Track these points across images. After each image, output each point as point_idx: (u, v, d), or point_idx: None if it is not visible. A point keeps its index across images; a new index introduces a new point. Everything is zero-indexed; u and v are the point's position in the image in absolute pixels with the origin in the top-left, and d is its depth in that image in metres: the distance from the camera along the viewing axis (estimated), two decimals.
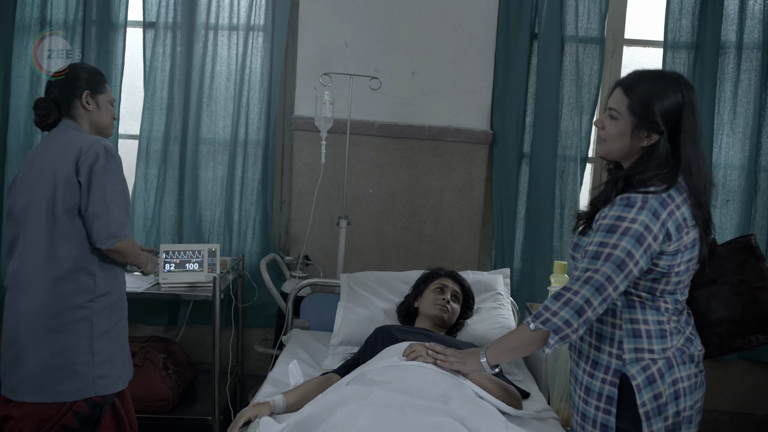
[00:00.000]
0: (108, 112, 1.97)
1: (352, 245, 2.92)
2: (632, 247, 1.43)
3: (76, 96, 1.90)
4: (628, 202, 1.47)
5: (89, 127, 1.94)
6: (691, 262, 1.53)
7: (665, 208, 1.46)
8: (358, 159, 2.92)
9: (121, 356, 1.94)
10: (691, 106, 1.50)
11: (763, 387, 3.02)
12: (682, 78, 1.54)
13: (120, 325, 1.95)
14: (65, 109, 1.91)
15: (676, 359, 1.50)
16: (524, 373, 2.25)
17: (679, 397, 1.49)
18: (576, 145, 2.88)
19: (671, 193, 1.48)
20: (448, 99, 2.92)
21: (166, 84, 2.94)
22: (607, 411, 1.51)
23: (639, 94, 1.51)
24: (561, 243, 2.92)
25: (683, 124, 1.49)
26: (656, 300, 1.51)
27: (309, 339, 2.42)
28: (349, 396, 1.54)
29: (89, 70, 1.96)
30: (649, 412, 1.47)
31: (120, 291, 1.95)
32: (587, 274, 1.46)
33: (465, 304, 2.28)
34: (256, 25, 2.94)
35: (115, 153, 1.85)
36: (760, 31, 2.80)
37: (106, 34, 2.96)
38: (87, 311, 1.84)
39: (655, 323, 1.51)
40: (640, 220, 1.44)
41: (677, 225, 1.47)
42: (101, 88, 1.95)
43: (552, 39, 2.84)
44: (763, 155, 2.85)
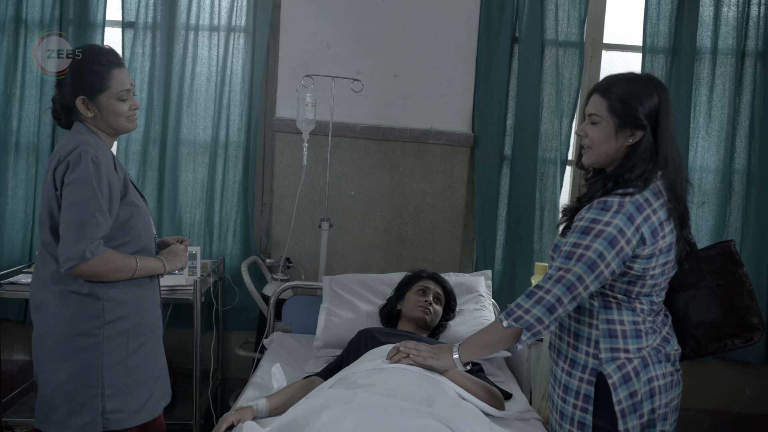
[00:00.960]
0: (114, 111, 1.67)
1: (334, 247, 2.92)
2: (604, 249, 1.47)
3: (72, 103, 1.66)
4: (604, 206, 1.50)
5: (102, 133, 1.70)
6: (667, 266, 1.56)
7: (641, 213, 1.49)
8: (339, 161, 2.92)
9: (144, 386, 1.73)
10: (667, 104, 1.55)
11: (737, 385, 3.08)
12: (655, 78, 1.59)
13: (141, 352, 1.72)
14: (69, 114, 1.69)
15: (652, 358, 1.53)
16: (506, 374, 2.26)
17: (654, 395, 1.52)
18: (556, 147, 2.91)
19: (648, 198, 1.51)
20: (429, 102, 2.93)
21: (145, 85, 2.90)
22: (584, 409, 1.54)
23: (617, 94, 1.54)
24: (541, 245, 2.95)
25: (661, 122, 1.53)
26: (632, 301, 1.54)
27: (291, 342, 2.41)
28: (334, 399, 1.54)
29: (84, 70, 1.65)
30: (625, 410, 1.50)
31: (139, 314, 1.71)
32: (559, 273, 1.50)
33: (447, 305, 2.29)
34: (237, 26, 2.92)
35: (88, 157, 1.58)
36: (734, 38, 2.87)
37: (84, 33, 2.92)
38: (95, 339, 1.64)
39: (631, 323, 1.54)
40: (614, 223, 1.47)
41: (653, 230, 1.50)
42: (101, 86, 1.64)
43: (532, 43, 2.87)
44: (737, 158, 2.92)
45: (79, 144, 1.62)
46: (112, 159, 1.67)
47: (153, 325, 1.78)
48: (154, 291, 1.80)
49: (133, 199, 1.70)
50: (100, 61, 1.66)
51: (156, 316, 1.81)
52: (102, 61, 1.66)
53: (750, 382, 3.07)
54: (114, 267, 1.63)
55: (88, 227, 1.57)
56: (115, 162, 1.69)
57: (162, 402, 1.81)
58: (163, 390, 1.82)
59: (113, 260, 1.63)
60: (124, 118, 1.70)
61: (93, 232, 1.57)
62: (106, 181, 1.60)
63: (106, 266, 1.61)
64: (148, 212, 1.78)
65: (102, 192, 1.59)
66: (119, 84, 1.67)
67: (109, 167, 1.63)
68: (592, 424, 1.54)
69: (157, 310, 1.81)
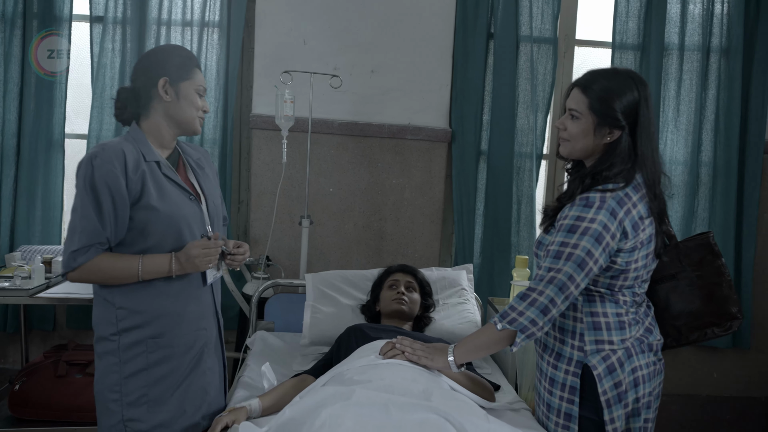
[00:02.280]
0: (192, 102, 1.65)
1: (314, 244, 2.90)
2: (592, 246, 1.49)
3: (152, 85, 1.62)
4: (587, 202, 1.53)
5: (167, 124, 1.66)
6: (648, 258, 1.59)
7: (622, 207, 1.52)
8: (318, 158, 2.90)
9: (173, 402, 1.65)
10: (646, 100, 1.56)
11: (705, 370, 3.20)
12: (635, 74, 1.60)
13: (168, 365, 1.64)
14: (139, 102, 1.64)
15: (635, 348, 1.57)
16: (492, 366, 2.29)
17: (638, 384, 1.56)
18: (531, 142, 2.96)
19: (628, 192, 1.54)
20: (407, 97, 2.94)
21: (116, 81, 2.83)
22: (571, 401, 1.58)
23: (597, 92, 1.55)
24: (518, 238, 3.00)
25: (640, 119, 1.55)
26: (614, 294, 1.57)
27: (275, 341, 2.38)
28: (331, 396, 1.53)
29: (171, 56, 1.65)
30: (610, 400, 1.54)
31: (161, 326, 1.63)
32: (550, 274, 1.51)
33: (422, 291, 2.31)
34: (210, 21, 2.87)
35: (93, 160, 1.53)
36: (700, 34, 2.96)
37: (49, 27, 2.82)
38: (113, 345, 1.61)
39: (614, 315, 1.57)
40: (599, 219, 1.50)
41: (633, 223, 1.53)
42: (184, 75, 1.64)
43: (507, 39, 2.90)
44: (704, 151, 3.02)
45: (97, 147, 1.58)
46: (124, 161, 1.56)
47: (186, 339, 1.67)
48: (190, 304, 1.68)
49: (152, 202, 1.58)
50: (186, 54, 1.69)
51: (193, 329, 1.69)
52: (188, 56, 1.69)
53: (718, 366, 3.19)
54: (105, 275, 1.58)
55: (74, 235, 1.54)
56: (136, 163, 1.58)
57: (200, 426, 1.70)
58: (205, 413, 1.71)
59: (101, 269, 1.57)
60: (198, 113, 1.68)
61: (79, 240, 1.53)
62: (104, 185, 1.53)
63: (94, 274, 1.57)
64: (182, 216, 1.64)
65: (98, 197, 1.53)
66: (200, 79, 1.68)
67: (111, 170, 1.53)
68: (578, 415, 1.57)
69: (195, 324, 1.70)
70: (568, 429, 1.60)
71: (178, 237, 1.63)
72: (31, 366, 2.53)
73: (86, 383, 2.47)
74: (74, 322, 2.92)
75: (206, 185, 1.78)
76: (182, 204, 1.65)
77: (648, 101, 1.57)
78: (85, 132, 2.86)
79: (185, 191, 1.68)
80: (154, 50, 1.72)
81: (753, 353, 3.13)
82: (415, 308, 2.24)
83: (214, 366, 1.77)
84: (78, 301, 2.45)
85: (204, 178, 1.78)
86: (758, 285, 3.06)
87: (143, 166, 1.60)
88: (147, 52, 1.72)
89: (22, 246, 2.76)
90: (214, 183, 1.84)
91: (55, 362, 2.52)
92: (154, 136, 1.67)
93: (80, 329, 2.93)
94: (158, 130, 1.67)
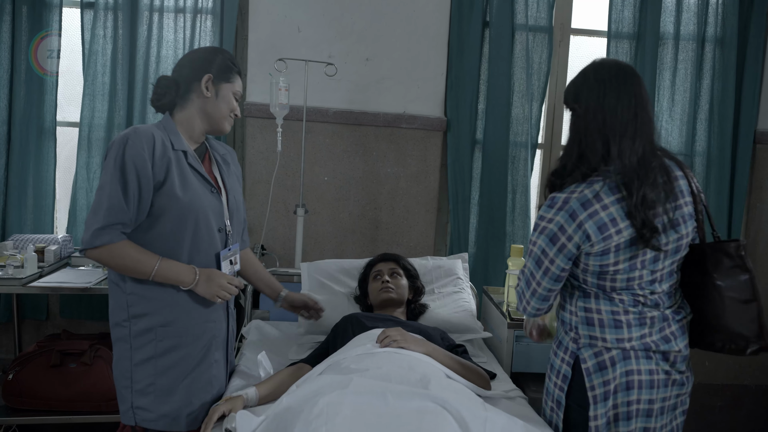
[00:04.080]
0: (228, 103, 1.73)
1: (308, 233, 2.89)
2: (546, 245, 1.52)
3: (196, 78, 1.69)
4: (551, 203, 1.52)
5: (199, 119, 1.71)
6: (639, 260, 1.50)
7: (586, 209, 1.47)
8: (312, 146, 2.88)
9: (180, 393, 1.66)
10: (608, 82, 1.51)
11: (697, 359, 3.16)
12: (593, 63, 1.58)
13: (176, 355, 1.66)
14: (178, 92, 1.69)
15: (636, 353, 1.52)
16: (487, 354, 2.30)
17: (631, 388, 1.51)
18: (527, 131, 2.96)
19: (599, 194, 1.47)
20: (402, 86, 2.92)
21: (108, 68, 2.79)
22: (561, 388, 1.60)
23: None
24: (513, 227, 3.00)
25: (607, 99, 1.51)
26: (608, 293, 1.55)
27: (271, 330, 2.39)
28: (329, 385, 1.53)
29: (220, 58, 1.73)
30: (597, 396, 1.53)
31: (171, 314, 1.65)
32: (523, 268, 1.61)
33: (408, 274, 2.31)
34: (204, 8, 2.83)
35: (126, 140, 1.56)
36: (695, 24, 2.96)
37: (39, 13, 2.79)
38: (124, 331, 1.65)
39: (609, 313, 1.54)
40: (555, 220, 1.50)
41: (600, 225, 1.47)
42: (228, 77, 1.72)
43: (503, 27, 2.89)
44: (698, 141, 3.02)
45: (136, 128, 1.61)
46: (153, 146, 1.59)
47: (195, 330, 1.69)
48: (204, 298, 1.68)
49: (174, 189, 1.61)
50: (232, 60, 1.77)
51: (202, 320, 1.70)
52: (234, 61, 1.77)
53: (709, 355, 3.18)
54: (121, 262, 1.59)
55: (99, 212, 1.55)
56: (164, 150, 1.61)
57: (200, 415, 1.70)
58: (209, 407, 1.69)
59: (120, 255, 1.58)
60: (230, 114, 1.75)
61: (103, 218, 1.54)
62: (132, 166, 1.55)
63: (112, 259, 1.58)
64: (201, 206, 1.66)
65: (126, 177, 1.55)
66: (239, 86, 1.77)
67: (140, 152, 1.56)
68: (566, 403, 1.59)
69: (205, 316, 1.71)
70: (557, 415, 1.62)
71: (195, 226, 1.66)
72: (25, 356, 2.52)
73: (80, 373, 2.46)
74: (68, 311, 2.90)
75: (229, 180, 1.81)
76: (203, 195, 1.68)
77: (603, 83, 1.50)
78: (76, 120, 2.83)
79: (208, 183, 1.71)
80: (203, 48, 1.81)
81: None
82: (404, 293, 2.25)
83: (220, 360, 1.79)
84: (71, 290, 2.43)
85: (228, 174, 1.82)
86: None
87: (170, 153, 1.63)
88: (196, 49, 1.82)
89: (14, 235, 2.73)
90: (238, 182, 1.88)
91: (49, 352, 2.50)
92: (185, 128, 1.72)
93: (74, 318, 2.91)
94: (190, 122, 1.72)
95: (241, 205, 1.87)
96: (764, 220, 3.10)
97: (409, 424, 1.38)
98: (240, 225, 1.86)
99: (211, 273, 1.67)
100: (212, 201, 1.71)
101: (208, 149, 1.81)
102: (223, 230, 1.74)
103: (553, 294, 1.58)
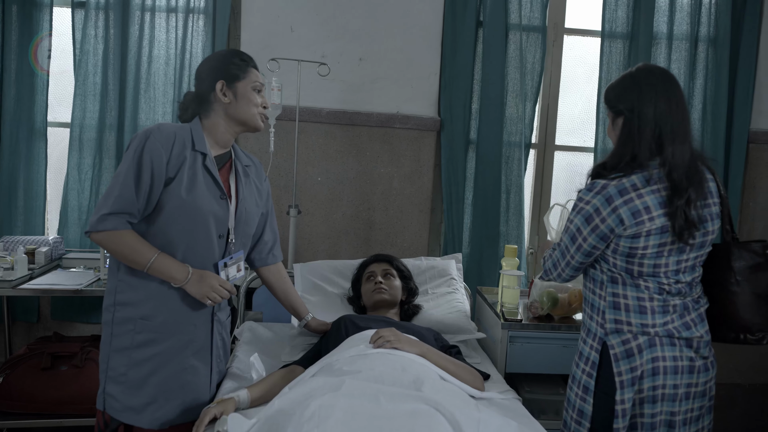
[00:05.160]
0: (250, 99, 1.72)
1: (302, 234, 2.88)
2: (581, 224, 1.64)
3: (211, 89, 1.71)
4: (591, 187, 1.64)
5: (227, 123, 1.73)
6: (666, 248, 1.59)
7: (622, 196, 1.59)
8: (305, 146, 2.87)
9: (149, 390, 1.65)
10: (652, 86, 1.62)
11: None
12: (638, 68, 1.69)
13: (150, 350, 1.66)
14: (200, 105, 1.73)
15: (661, 340, 1.61)
16: (481, 355, 2.29)
17: (657, 374, 1.60)
18: (520, 131, 2.95)
19: (636, 183, 1.58)
20: (396, 86, 2.91)
21: (99, 68, 2.77)
22: (590, 374, 1.67)
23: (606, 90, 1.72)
24: (507, 227, 2.99)
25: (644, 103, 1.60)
26: (635, 279, 1.64)
27: (264, 331, 2.37)
28: (321, 387, 1.52)
29: (226, 60, 1.73)
30: (624, 382, 1.60)
31: (153, 308, 1.66)
32: (560, 241, 1.73)
33: (401, 275, 2.31)
34: (196, 8, 2.82)
35: (149, 134, 1.61)
36: (688, 24, 2.96)
37: (30, 13, 2.77)
38: (109, 316, 1.68)
39: (635, 299, 1.63)
40: (592, 203, 1.62)
41: (633, 212, 1.57)
42: (239, 75, 1.71)
43: (496, 27, 2.88)
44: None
45: (160, 125, 1.65)
46: (173, 144, 1.63)
47: (172, 328, 1.68)
48: (188, 296, 1.68)
49: (179, 187, 1.62)
50: (242, 57, 1.75)
51: (182, 321, 1.69)
52: (245, 58, 1.76)
53: None
54: (121, 249, 1.62)
55: (110, 198, 1.59)
56: (182, 149, 1.64)
57: (168, 422, 1.68)
58: (179, 411, 1.69)
59: (122, 242, 1.61)
60: (257, 110, 1.74)
61: (113, 204, 1.58)
62: (149, 161, 1.59)
63: (113, 244, 1.61)
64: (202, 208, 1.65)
65: (141, 170, 1.59)
66: (255, 76, 1.75)
67: (159, 149, 1.60)
68: (594, 389, 1.65)
69: (185, 317, 1.70)
70: (585, 401, 1.68)
71: (192, 227, 1.66)
72: (15, 358, 2.50)
73: (72, 375, 2.44)
74: (59, 313, 2.88)
75: (245, 190, 1.80)
76: (208, 198, 1.68)
77: (655, 89, 1.60)
78: (68, 120, 2.81)
79: (218, 188, 1.71)
80: (211, 56, 1.81)
81: None
82: (397, 293, 2.24)
83: (199, 367, 1.75)
84: (62, 292, 2.42)
85: (245, 185, 1.81)
86: None
87: (187, 153, 1.66)
88: (206, 58, 1.82)
89: (4, 236, 2.71)
90: (257, 194, 1.86)
91: (40, 354, 2.48)
92: (210, 134, 1.74)
93: (65, 321, 2.89)
94: (216, 128, 1.74)
95: (254, 216, 1.84)
96: (757, 219, 3.11)
97: (401, 427, 1.37)
98: (247, 236, 1.85)
99: (204, 273, 1.67)
100: (217, 207, 1.70)
101: (232, 157, 1.80)
102: (224, 237, 1.74)
103: (584, 266, 1.71)
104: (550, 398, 2.31)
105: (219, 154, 1.76)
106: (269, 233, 1.98)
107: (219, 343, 1.83)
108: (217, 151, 1.75)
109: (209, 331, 1.77)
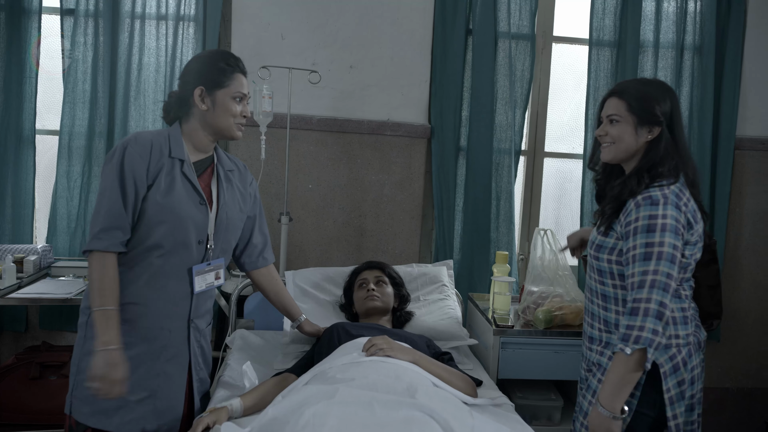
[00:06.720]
0: (227, 109, 1.68)
1: (293, 242, 2.88)
2: (675, 240, 1.55)
3: (190, 93, 1.68)
4: (652, 201, 1.58)
5: (203, 130, 1.71)
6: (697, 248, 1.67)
7: (681, 200, 1.61)
8: (296, 154, 2.87)
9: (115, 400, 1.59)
10: (677, 102, 1.69)
11: None
12: (664, 82, 1.73)
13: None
14: (180, 107, 1.71)
15: (693, 347, 1.65)
16: (473, 361, 2.30)
17: (695, 381, 1.65)
18: (510, 138, 2.97)
19: (681, 188, 1.63)
20: (386, 93, 2.93)
21: (88, 76, 2.76)
22: (633, 394, 1.61)
23: (633, 94, 1.67)
24: (498, 234, 3.01)
25: (674, 117, 1.66)
26: (678, 288, 1.64)
27: (256, 339, 2.36)
28: (314, 395, 1.52)
29: (210, 65, 1.69)
30: (673, 398, 1.60)
31: (128, 313, 1.62)
32: (649, 278, 1.53)
33: (394, 282, 2.31)
34: (186, 15, 2.82)
35: (126, 146, 1.61)
36: (674, 32, 3.01)
37: (18, 20, 2.75)
38: (84, 318, 1.68)
39: (679, 310, 1.65)
40: (670, 214, 1.57)
41: (692, 215, 1.62)
42: (221, 83, 1.67)
43: (486, 35, 2.91)
44: None
45: (137, 135, 1.65)
46: (150, 152, 1.63)
47: (145, 333, 1.66)
48: (163, 302, 1.66)
49: (156, 194, 1.62)
50: (228, 61, 1.71)
51: (156, 326, 1.67)
52: (231, 62, 1.71)
53: None
54: (91, 276, 1.59)
55: (99, 215, 1.60)
56: (159, 156, 1.64)
57: (139, 427, 1.65)
58: (150, 417, 1.66)
59: (99, 267, 1.58)
60: (234, 120, 1.71)
61: (102, 221, 1.58)
62: (130, 172, 1.60)
63: (91, 266, 1.59)
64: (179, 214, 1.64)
65: (124, 182, 1.59)
66: (238, 85, 1.71)
67: (138, 159, 1.61)
68: (635, 409, 1.61)
69: (159, 322, 1.67)
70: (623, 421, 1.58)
71: (168, 231, 1.64)
72: (3, 368, 2.47)
73: (61, 385, 2.42)
74: (47, 323, 2.84)
75: (226, 195, 1.77)
76: (186, 204, 1.66)
77: (679, 109, 1.69)
78: (56, 128, 2.80)
79: (197, 194, 1.69)
80: (195, 57, 1.76)
81: (725, 345, 3.20)
82: (390, 300, 2.25)
83: (174, 375, 1.72)
84: (51, 302, 2.39)
85: (227, 189, 1.78)
86: (728, 279, 3.13)
87: (165, 160, 1.65)
88: (195, 56, 1.77)
89: None
90: (241, 199, 1.83)
91: (28, 364, 2.46)
92: (189, 139, 1.72)
93: (54, 330, 2.86)
94: (195, 134, 1.72)
95: (236, 222, 1.82)
96: (744, 225, 3.15)
97: None
98: (228, 243, 1.82)
99: (119, 365, 1.54)
100: (196, 212, 1.68)
101: (214, 162, 1.78)
102: (203, 243, 1.71)
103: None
104: (542, 404, 2.33)
105: (200, 159, 1.74)
106: (258, 236, 1.96)
107: (197, 351, 1.78)
108: (197, 156, 1.73)
109: (185, 337, 1.73)
